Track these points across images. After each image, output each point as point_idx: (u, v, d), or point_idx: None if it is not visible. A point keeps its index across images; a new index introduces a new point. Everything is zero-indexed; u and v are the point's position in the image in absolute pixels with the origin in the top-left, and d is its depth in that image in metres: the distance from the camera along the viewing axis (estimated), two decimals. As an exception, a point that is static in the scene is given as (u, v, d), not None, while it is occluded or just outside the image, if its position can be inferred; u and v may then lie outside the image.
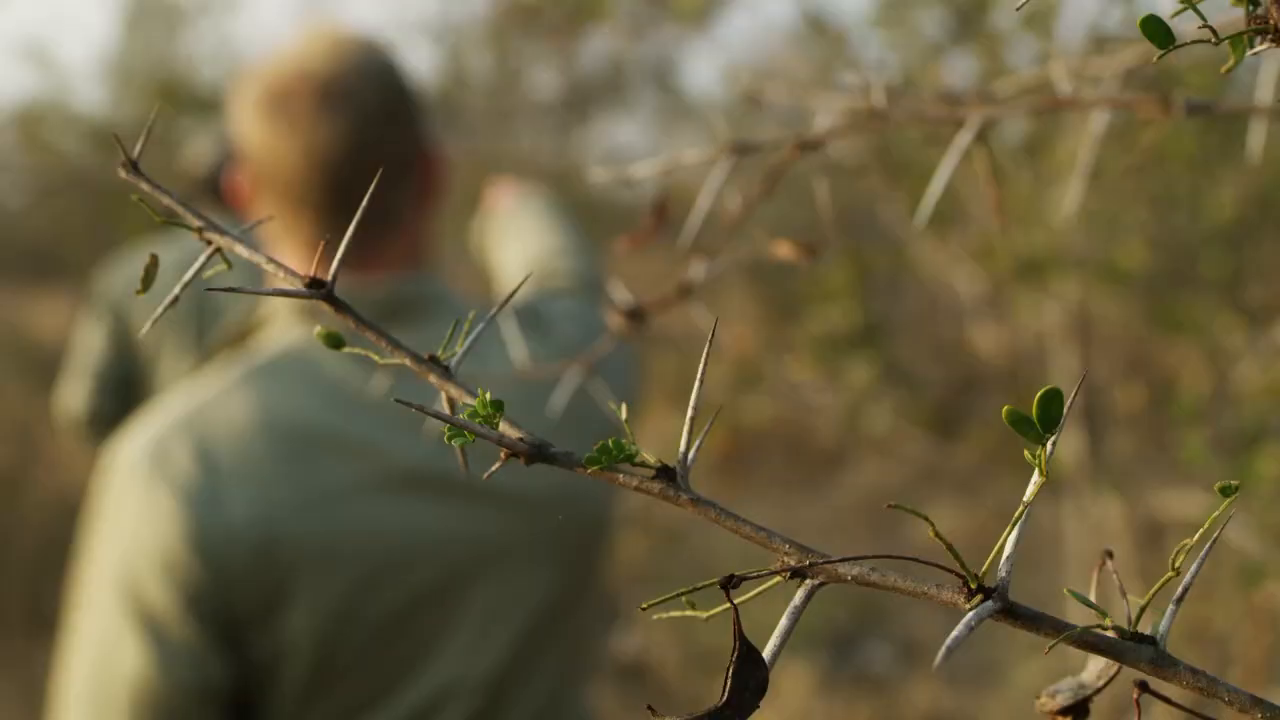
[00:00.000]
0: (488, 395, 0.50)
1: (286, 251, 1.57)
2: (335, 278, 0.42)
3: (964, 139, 0.51)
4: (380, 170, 1.50)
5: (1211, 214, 2.92)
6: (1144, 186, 2.88)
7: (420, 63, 11.92)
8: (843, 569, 0.41)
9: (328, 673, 1.43)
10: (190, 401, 1.47)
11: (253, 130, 1.53)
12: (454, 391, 0.43)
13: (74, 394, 4.14)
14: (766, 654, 0.42)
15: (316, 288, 0.42)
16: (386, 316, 1.51)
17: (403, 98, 1.57)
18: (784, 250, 0.62)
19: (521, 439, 0.40)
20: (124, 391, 4.25)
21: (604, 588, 1.74)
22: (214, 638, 1.39)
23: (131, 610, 1.38)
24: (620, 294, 0.59)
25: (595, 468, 0.39)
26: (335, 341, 0.57)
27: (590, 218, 14.66)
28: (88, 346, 4.15)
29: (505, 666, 1.53)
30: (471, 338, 0.57)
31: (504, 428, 0.47)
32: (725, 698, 0.42)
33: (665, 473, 0.38)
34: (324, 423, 1.44)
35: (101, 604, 1.40)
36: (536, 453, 0.41)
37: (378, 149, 1.53)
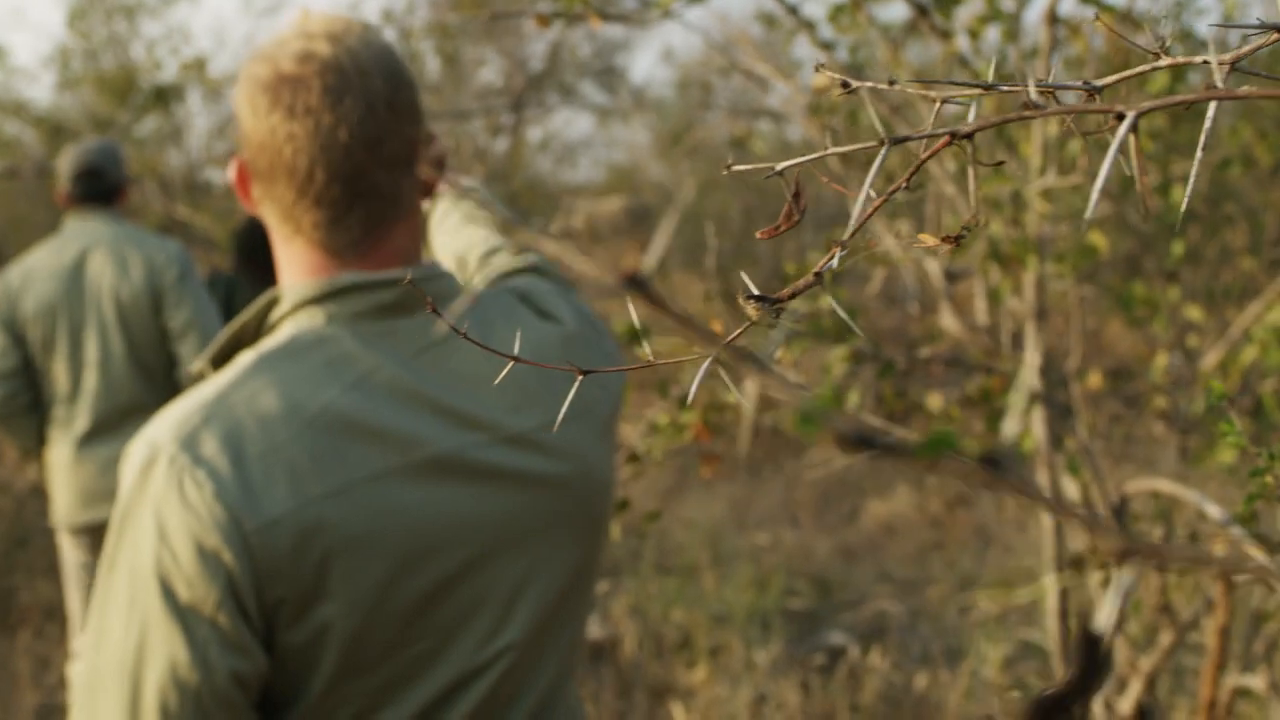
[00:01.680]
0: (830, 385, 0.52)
1: (290, 241, 1.56)
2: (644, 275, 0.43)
3: (1122, 130, 0.55)
4: (392, 158, 1.54)
5: (1172, 203, 3.00)
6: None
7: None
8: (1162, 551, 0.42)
9: (356, 661, 1.44)
10: (212, 390, 1.45)
11: (258, 118, 1.50)
12: (782, 384, 0.43)
13: None
14: (1102, 632, 0.43)
15: (634, 284, 0.43)
16: (406, 307, 1.52)
17: (406, 84, 1.55)
18: (929, 241, 0.66)
19: (854, 428, 0.41)
20: (22, 380, 4.43)
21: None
22: (250, 628, 1.38)
23: (165, 603, 1.36)
24: (748, 284, 0.61)
25: (926, 458, 0.41)
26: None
27: (539, 200, 14.55)
28: None
29: (522, 649, 1.55)
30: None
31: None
32: (1073, 676, 0.44)
33: (990, 461, 0.41)
34: (348, 409, 1.43)
35: (133, 597, 1.38)
36: (862, 441, 0.42)
37: (387, 136, 1.51)
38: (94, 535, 4.51)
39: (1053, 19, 2.75)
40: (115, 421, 4.44)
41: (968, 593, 6.32)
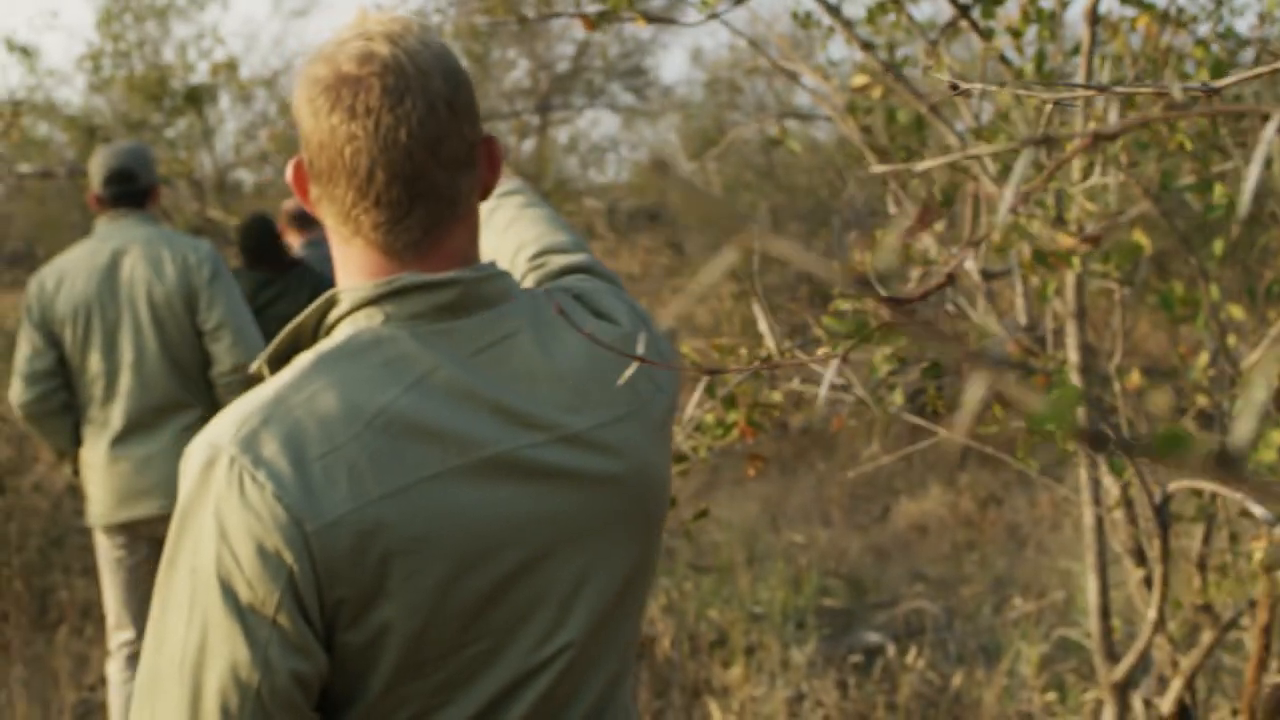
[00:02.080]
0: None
1: (349, 242, 1.55)
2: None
3: (1270, 129, 0.56)
4: (452, 158, 1.54)
5: (1214, 200, 2.99)
6: (1143, 172, 2.94)
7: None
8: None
9: (415, 662, 1.44)
10: (271, 391, 1.45)
11: (318, 118, 1.50)
12: (1018, 384, 0.43)
13: (12, 387, 4.47)
14: None
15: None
16: (464, 307, 1.53)
17: (464, 84, 1.55)
18: (1068, 243, 0.67)
19: (1093, 427, 0.41)
20: (57, 381, 4.47)
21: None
22: (311, 629, 1.39)
23: (226, 603, 1.37)
24: (869, 285, 0.61)
25: (1163, 455, 0.41)
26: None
27: (565, 203, 14.58)
28: (19, 342, 4.48)
29: (579, 648, 1.55)
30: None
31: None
32: None
33: (1224, 460, 0.41)
34: (407, 409, 1.43)
35: (193, 597, 1.39)
36: (1099, 438, 0.42)
37: (446, 136, 1.51)
38: (130, 533, 4.56)
39: (1094, 18, 2.76)
40: (150, 421, 4.47)
41: (1003, 592, 6.33)
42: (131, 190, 4.54)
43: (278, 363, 1.59)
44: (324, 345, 1.51)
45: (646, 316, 1.76)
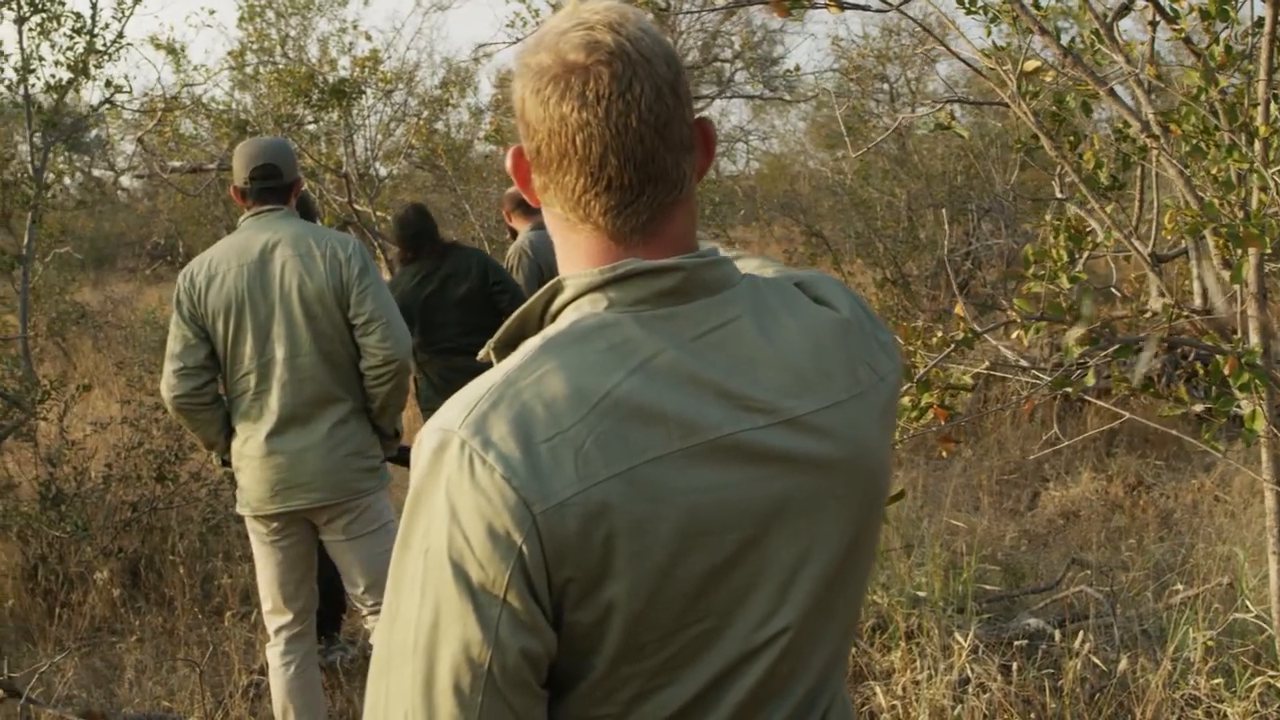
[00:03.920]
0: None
1: (576, 229, 1.59)
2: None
3: None
4: (678, 141, 1.58)
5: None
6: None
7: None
8: None
9: (637, 642, 1.46)
10: (499, 375, 1.49)
11: (547, 108, 1.53)
12: None
13: (164, 380, 4.56)
14: None
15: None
16: (686, 292, 1.55)
17: (682, 67, 1.57)
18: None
19: None
20: (209, 375, 4.57)
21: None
22: (540, 608, 1.41)
23: (458, 583, 1.40)
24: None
25: None
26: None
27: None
28: (171, 336, 4.57)
29: (797, 631, 1.56)
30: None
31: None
32: None
33: None
34: (631, 393, 1.46)
35: (426, 578, 1.42)
36: None
37: (672, 120, 1.54)
38: (284, 518, 4.65)
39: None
40: (305, 414, 4.55)
41: (1162, 577, 6.27)
42: (276, 186, 4.63)
43: (505, 348, 1.63)
44: (550, 331, 1.55)
45: (868, 307, 1.77)
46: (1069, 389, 2.67)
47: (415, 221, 6.70)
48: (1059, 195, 3.74)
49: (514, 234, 7.65)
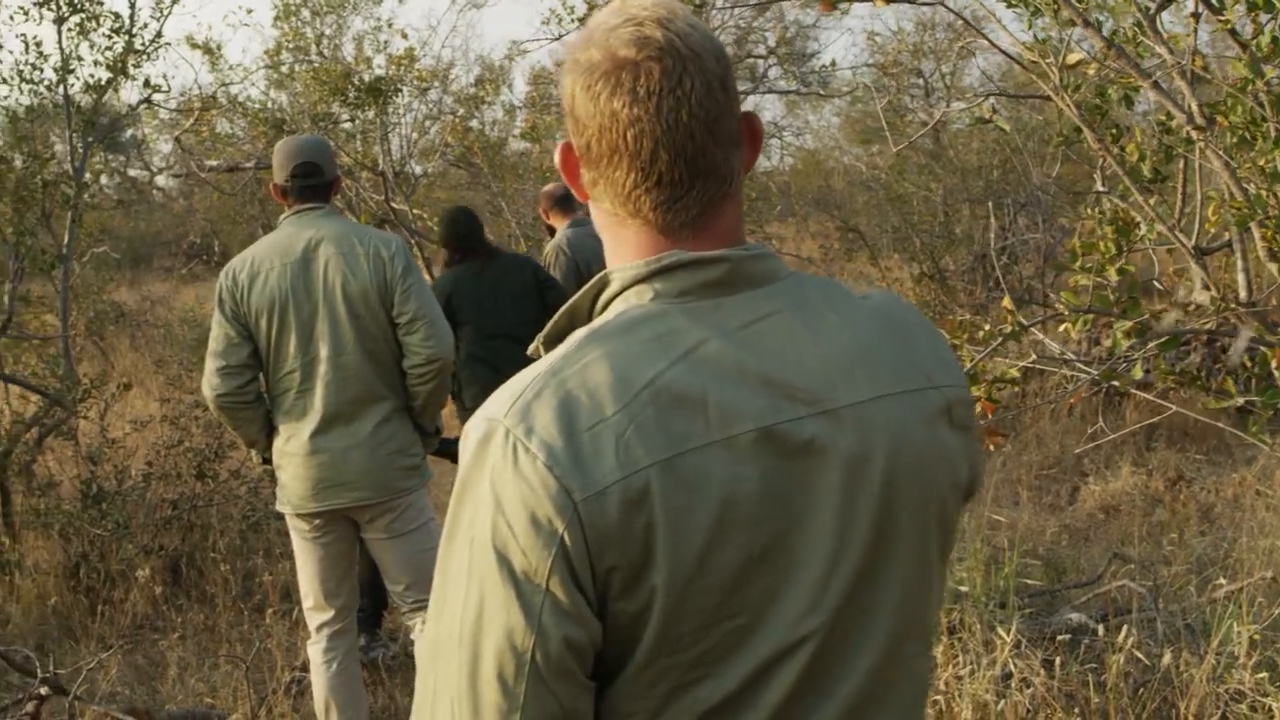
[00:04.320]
0: None
1: (625, 224, 1.59)
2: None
3: None
4: (727, 136, 1.58)
5: None
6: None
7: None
8: None
9: (675, 634, 1.46)
10: (545, 365, 1.50)
11: (597, 103, 1.53)
12: None
13: (206, 378, 4.56)
14: None
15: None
16: (732, 284, 1.55)
17: (729, 63, 1.57)
18: None
19: None
20: (252, 373, 4.57)
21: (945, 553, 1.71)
22: (584, 596, 1.42)
23: (501, 571, 1.41)
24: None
25: None
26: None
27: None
28: (213, 334, 4.57)
29: (831, 625, 1.53)
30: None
31: None
32: None
33: None
34: (674, 382, 1.46)
35: (471, 567, 1.43)
36: None
37: (722, 114, 1.54)
38: (325, 517, 4.65)
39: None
40: (349, 413, 4.55)
41: (1204, 571, 6.23)
42: (317, 184, 4.62)
43: (553, 342, 1.63)
44: (596, 322, 1.55)
45: (917, 313, 1.76)
46: (1116, 382, 2.66)
47: (465, 222, 6.71)
48: (1100, 189, 3.72)
49: (551, 231, 7.67)
